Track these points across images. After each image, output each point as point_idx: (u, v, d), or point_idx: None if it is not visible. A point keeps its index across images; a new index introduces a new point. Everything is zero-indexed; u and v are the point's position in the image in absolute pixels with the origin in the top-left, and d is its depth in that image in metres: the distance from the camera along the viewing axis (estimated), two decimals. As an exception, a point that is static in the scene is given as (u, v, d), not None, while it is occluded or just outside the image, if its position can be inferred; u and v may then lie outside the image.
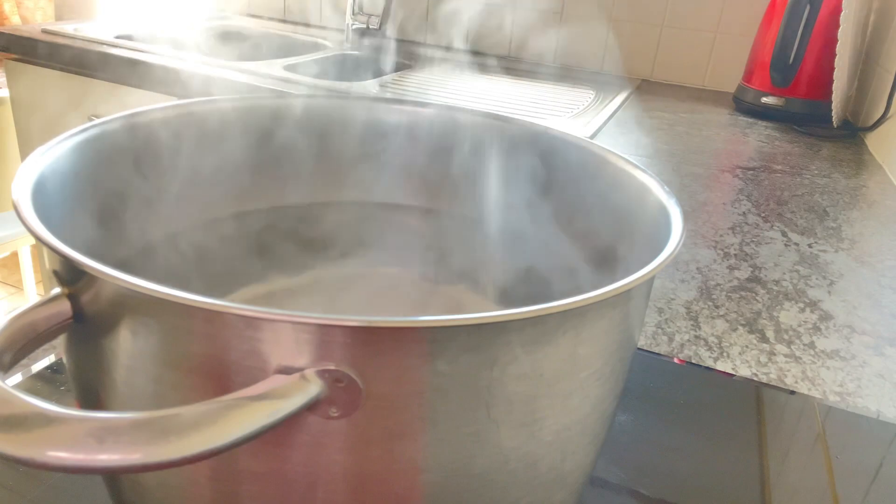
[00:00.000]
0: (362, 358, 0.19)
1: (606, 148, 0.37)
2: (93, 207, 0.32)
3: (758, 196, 0.79)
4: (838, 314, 0.54)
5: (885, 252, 0.67)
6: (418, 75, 1.22)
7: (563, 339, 0.22)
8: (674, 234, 0.27)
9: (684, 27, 1.30)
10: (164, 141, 0.36)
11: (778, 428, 0.42)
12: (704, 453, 0.40)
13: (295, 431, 0.20)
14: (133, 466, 0.17)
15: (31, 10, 2.03)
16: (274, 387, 0.19)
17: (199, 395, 0.21)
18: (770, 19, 1.13)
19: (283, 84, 1.04)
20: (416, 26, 1.47)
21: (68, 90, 1.18)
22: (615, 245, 0.36)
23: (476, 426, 0.22)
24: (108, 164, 0.33)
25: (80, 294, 0.22)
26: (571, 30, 1.38)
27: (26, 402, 0.17)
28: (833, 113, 1.08)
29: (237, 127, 0.39)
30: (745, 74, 1.19)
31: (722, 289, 0.56)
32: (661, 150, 0.93)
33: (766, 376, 0.46)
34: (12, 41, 1.19)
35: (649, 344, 0.48)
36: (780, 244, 0.66)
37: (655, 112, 1.13)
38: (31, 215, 0.23)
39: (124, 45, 1.16)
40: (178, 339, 0.20)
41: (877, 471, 0.39)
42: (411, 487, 0.22)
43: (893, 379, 0.46)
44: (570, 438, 0.25)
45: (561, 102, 1.12)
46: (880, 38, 1.12)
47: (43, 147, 0.29)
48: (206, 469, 0.22)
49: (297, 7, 1.57)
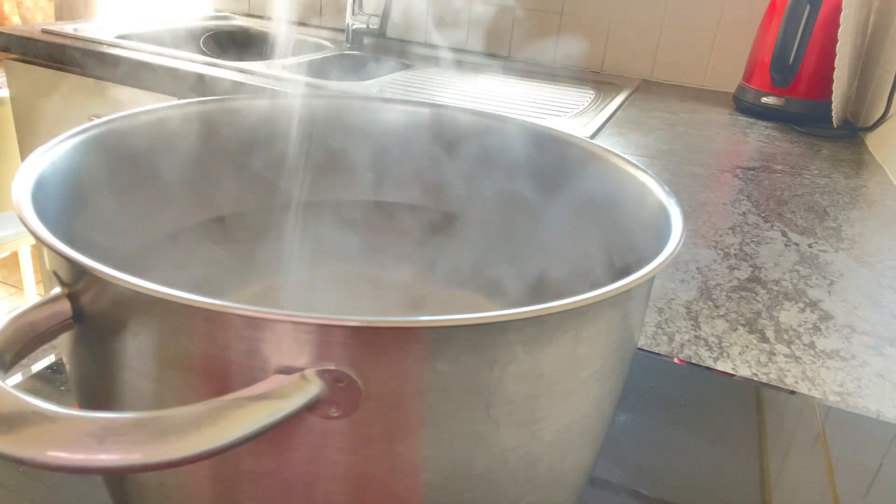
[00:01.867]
0: (362, 358, 0.19)
1: (606, 148, 0.37)
2: (93, 207, 0.32)
3: (758, 196, 0.79)
4: (838, 314, 0.54)
5: (885, 252, 0.67)
6: (418, 75, 1.22)
7: (563, 339, 0.22)
8: (674, 234, 0.27)
9: (684, 27, 1.30)
10: (165, 141, 0.36)
11: (778, 428, 0.42)
12: (704, 453, 0.40)
13: (295, 431, 0.20)
14: (133, 466, 0.17)
15: (31, 10, 2.03)
16: (274, 387, 0.19)
17: (199, 395, 0.21)
18: (770, 19, 1.13)
19: (283, 84, 1.04)
20: (416, 26, 1.47)
21: (68, 90, 1.18)
22: (615, 245, 0.36)
23: (476, 426, 0.22)
24: (107, 164, 0.33)
25: (80, 294, 0.22)
26: (571, 30, 1.38)
27: (26, 402, 0.17)
28: (833, 113, 1.08)
29: (237, 127, 0.39)
30: (745, 74, 1.19)
31: (722, 289, 0.56)
32: (661, 150, 0.93)
33: (766, 376, 0.46)
34: (12, 41, 1.19)
35: (649, 344, 0.48)
36: (780, 244, 0.66)
37: (655, 112, 1.13)
38: (31, 215, 0.23)
39: (124, 45, 1.16)
40: (178, 339, 0.20)
41: (877, 471, 0.39)
42: (411, 487, 0.22)
43: (893, 379, 0.46)
44: (570, 438, 0.25)
45: (561, 102, 1.12)
46: (880, 38, 1.12)
47: (43, 147, 0.29)
48: (206, 469, 0.22)
49: (297, 7, 1.57)
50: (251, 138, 0.40)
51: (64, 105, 1.20)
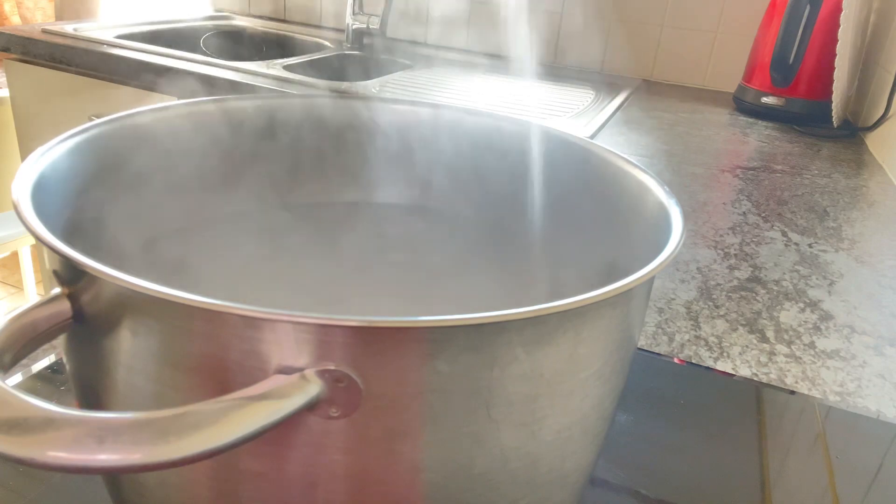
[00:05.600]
0: (362, 358, 0.19)
1: (607, 148, 0.37)
2: (93, 207, 0.32)
3: (758, 196, 0.79)
4: (838, 314, 0.54)
5: (885, 252, 0.67)
6: (418, 75, 1.22)
7: (563, 339, 0.22)
8: (674, 234, 0.27)
9: (684, 27, 1.30)
10: (164, 141, 0.36)
11: (778, 428, 0.42)
12: (704, 453, 0.40)
13: (295, 431, 0.20)
14: (133, 466, 0.17)
15: (31, 10, 2.03)
16: (274, 387, 0.19)
17: (199, 395, 0.21)
18: (770, 19, 1.13)
19: (283, 84, 1.04)
20: (416, 26, 1.47)
21: (68, 90, 1.18)
22: (615, 245, 0.36)
23: (476, 426, 0.22)
24: (107, 164, 0.33)
25: (80, 294, 0.22)
26: (571, 30, 1.38)
27: (26, 402, 0.17)
28: (833, 113, 1.08)
29: (237, 127, 0.39)
30: (745, 74, 1.19)
31: (722, 289, 0.56)
32: (661, 150, 0.93)
33: (766, 376, 0.46)
34: (12, 41, 1.19)
35: (649, 344, 0.48)
36: (781, 244, 0.66)
37: (655, 112, 1.13)
38: (31, 215, 0.23)
39: (124, 45, 1.16)
40: (178, 339, 0.20)
41: (877, 471, 0.39)
42: (411, 487, 0.22)
43: (893, 379, 0.46)
44: (570, 438, 0.25)
45: (561, 102, 1.12)
46: (880, 38, 1.12)
47: (43, 147, 0.29)
48: (206, 469, 0.22)
49: (298, 7, 1.57)
50: (251, 138, 0.40)
51: (64, 105, 1.20)
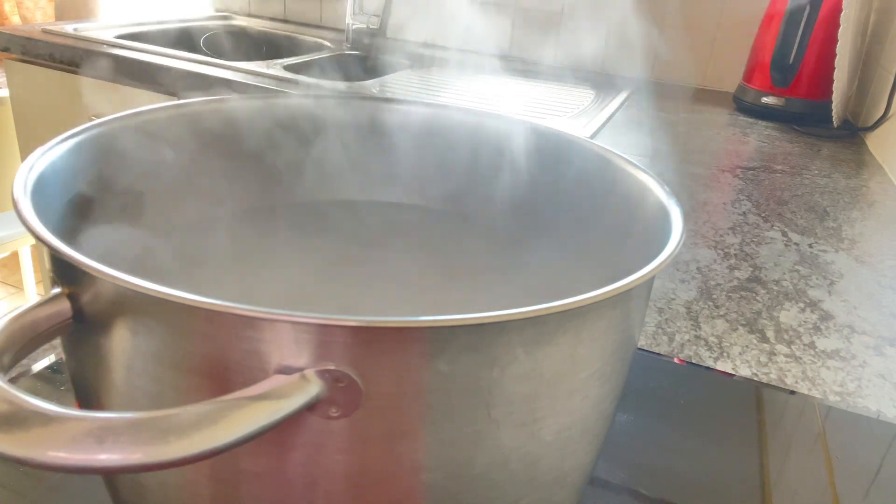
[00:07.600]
0: (362, 358, 0.19)
1: (607, 148, 0.37)
2: (93, 207, 0.32)
3: (758, 196, 0.79)
4: (838, 314, 0.54)
5: (885, 252, 0.67)
6: (418, 75, 1.22)
7: (563, 339, 0.22)
8: (674, 234, 0.27)
9: (684, 27, 1.30)
10: (164, 141, 0.36)
11: (778, 428, 0.42)
12: (704, 453, 0.40)
13: (295, 431, 0.20)
14: (133, 466, 0.17)
15: (31, 10, 2.03)
16: (274, 387, 0.19)
17: (199, 395, 0.21)
18: (770, 19, 1.13)
19: (283, 84, 1.04)
20: (416, 26, 1.47)
21: (68, 90, 1.18)
22: (615, 244, 0.36)
23: (476, 426, 0.22)
24: (108, 164, 0.33)
25: (80, 294, 0.22)
26: (571, 30, 1.38)
27: (26, 401, 0.17)
28: (833, 113, 1.08)
29: (237, 127, 0.39)
30: (745, 74, 1.19)
31: (722, 289, 0.56)
32: (661, 150, 0.93)
33: (766, 376, 0.46)
34: (12, 41, 1.19)
35: (649, 344, 0.48)
36: (781, 244, 0.66)
37: (655, 112, 1.13)
38: (31, 215, 0.23)
39: (124, 45, 1.16)
40: (178, 339, 0.20)
41: (877, 471, 0.39)
42: (411, 487, 0.22)
43: (893, 379, 0.46)
44: (570, 438, 0.25)
45: (561, 102, 1.12)
46: (880, 38, 1.12)
47: (43, 147, 0.29)
48: (206, 469, 0.22)
49: (299, 7, 1.57)
50: (251, 138, 0.40)
51: (64, 105, 1.20)
